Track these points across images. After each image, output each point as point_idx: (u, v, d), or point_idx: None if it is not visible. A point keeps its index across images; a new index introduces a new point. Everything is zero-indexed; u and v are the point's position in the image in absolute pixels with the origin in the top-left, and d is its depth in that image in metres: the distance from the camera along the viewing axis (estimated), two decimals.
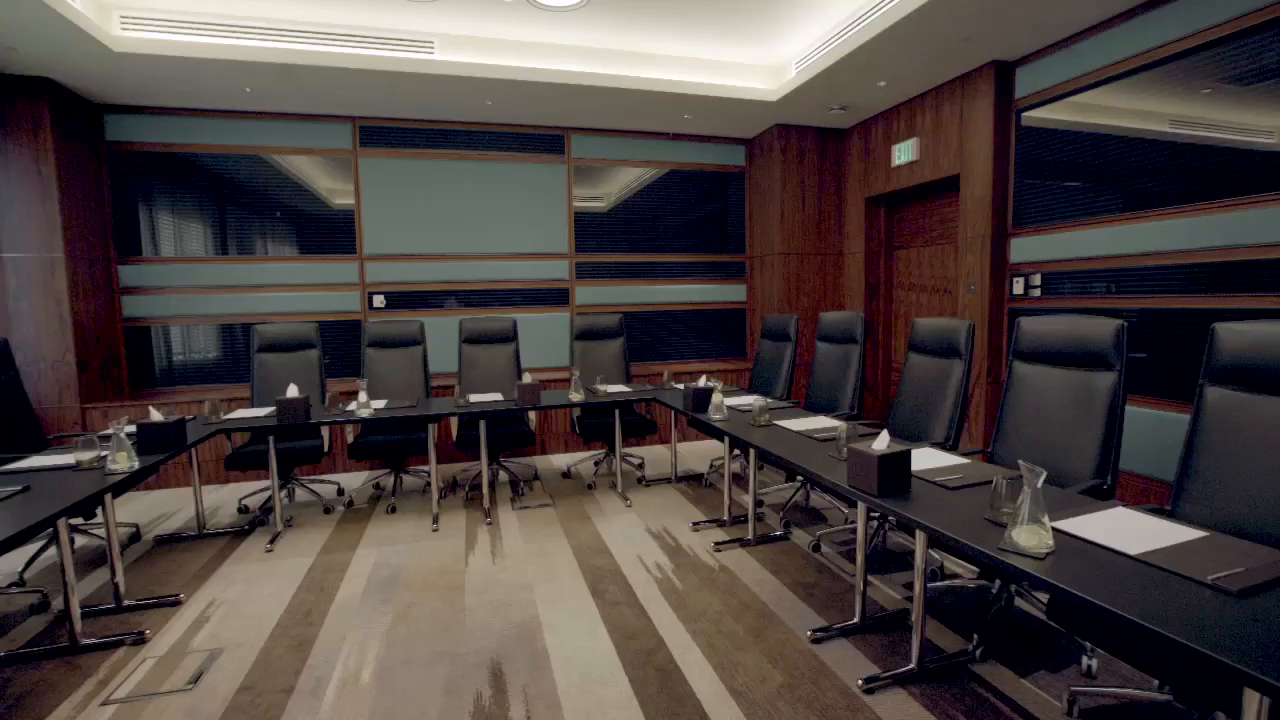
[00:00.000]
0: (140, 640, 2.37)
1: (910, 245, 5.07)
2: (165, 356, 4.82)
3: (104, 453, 2.45)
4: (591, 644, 2.29)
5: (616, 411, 3.97)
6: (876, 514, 3.06)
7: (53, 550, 3.19)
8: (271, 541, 3.33)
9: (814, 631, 2.32)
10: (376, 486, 4.35)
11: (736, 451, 4.29)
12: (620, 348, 4.70)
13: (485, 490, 3.73)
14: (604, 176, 5.56)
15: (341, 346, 4.97)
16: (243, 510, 3.89)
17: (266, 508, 3.84)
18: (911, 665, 2.07)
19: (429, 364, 4.33)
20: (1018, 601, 2.44)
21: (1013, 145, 3.96)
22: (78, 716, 1.94)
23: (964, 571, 2.76)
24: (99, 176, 4.49)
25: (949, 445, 2.60)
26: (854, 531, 3.24)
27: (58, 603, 2.68)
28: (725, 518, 3.48)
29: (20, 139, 3.97)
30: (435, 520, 3.58)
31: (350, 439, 3.82)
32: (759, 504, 3.65)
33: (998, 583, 2.41)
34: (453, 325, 4.55)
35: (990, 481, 1.70)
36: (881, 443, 1.84)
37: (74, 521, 3.14)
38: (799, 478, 3.77)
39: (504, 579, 2.84)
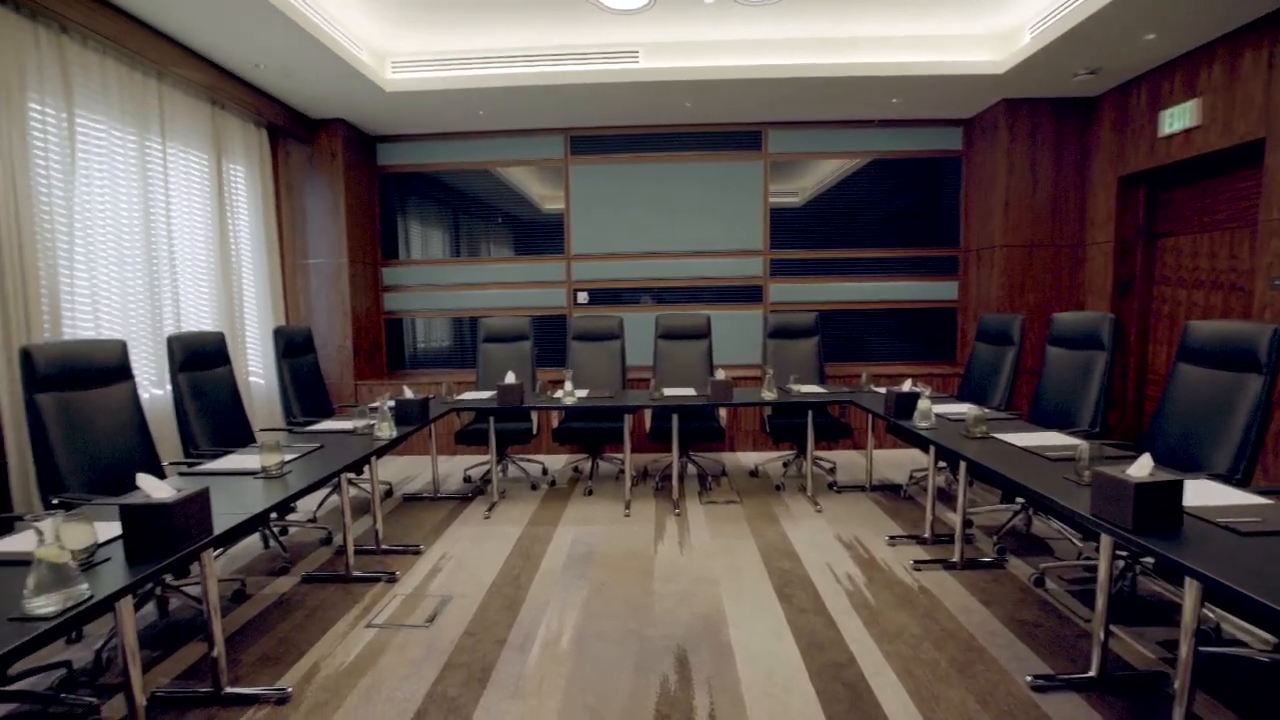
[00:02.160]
0: (392, 579, 2.85)
1: (1182, 232, 4.17)
2: (412, 344, 5.72)
3: (372, 422, 2.98)
4: (777, 647, 2.25)
5: (809, 413, 3.84)
6: (1125, 552, 2.59)
7: (335, 497, 3.96)
8: (489, 510, 3.79)
9: (1035, 678, 2.03)
10: (575, 470, 4.72)
11: (943, 464, 3.90)
12: (815, 347, 4.54)
13: (675, 482, 3.85)
14: (800, 170, 5.39)
15: (550, 339, 5.46)
16: (467, 480, 4.48)
17: (485, 479, 4.37)
18: None
19: (626, 358, 4.58)
20: None
21: None
22: (350, 632, 2.39)
23: (1252, 640, 2.21)
24: (372, 195, 5.46)
25: (1236, 479, 2.10)
26: (1091, 569, 2.77)
27: (338, 539, 3.33)
28: (926, 535, 3.19)
29: (321, 168, 4.98)
30: (627, 506, 3.78)
31: (555, 424, 4.18)
32: (967, 524, 3.29)
33: None
34: (649, 321, 4.77)
35: None
36: (1142, 468, 1.55)
37: (349, 475, 3.87)
38: (1019, 500, 3.32)
39: (690, 570, 2.91)
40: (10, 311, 2.75)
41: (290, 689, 2.04)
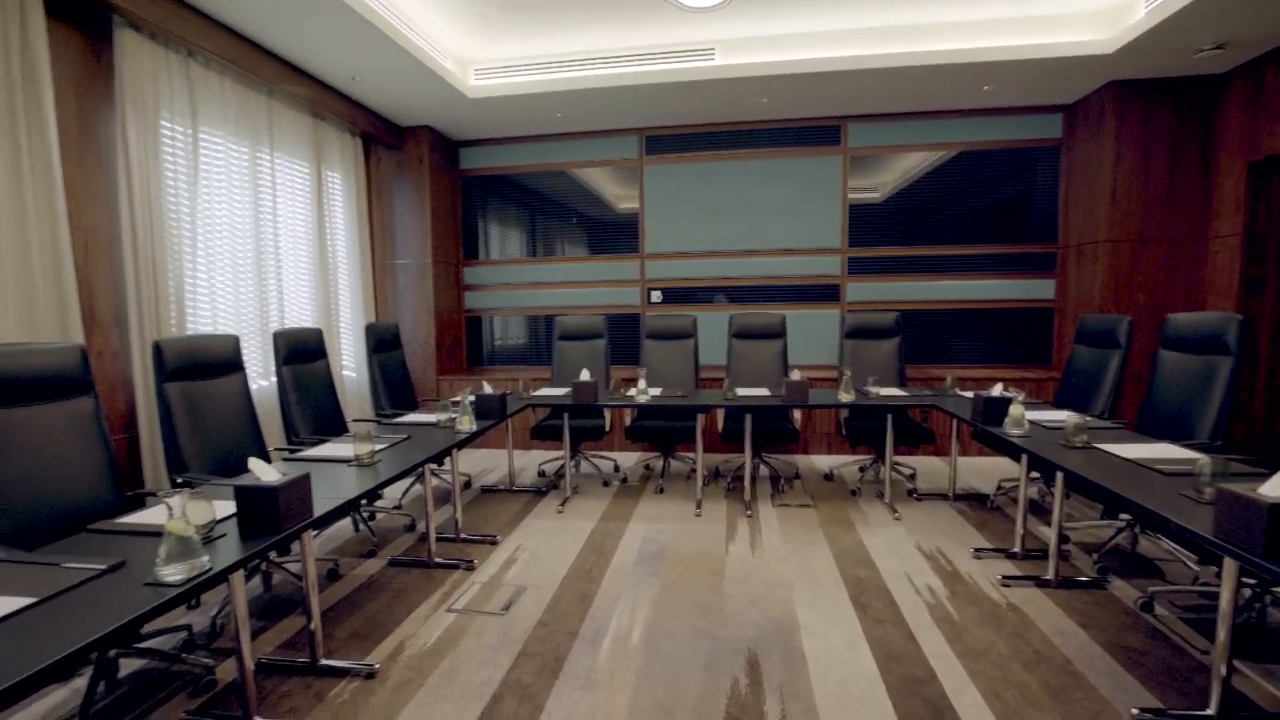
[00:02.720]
0: (470, 567, 2.97)
1: None
2: (490, 341, 5.93)
3: (453, 416, 3.11)
4: (852, 657, 2.19)
5: (889, 416, 3.69)
6: (1253, 579, 2.34)
7: (418, 486, 4.17)
8: (562, 504, 3.87)
9: (1143, 711, 1.87)
10: (647, 468, 4.75)
11: (1036, 474, 3.66)
12: (895, 348, 4.36)
13: (747, 483, 3.80)
14: (881, 165, 5.20)
15: (623, 337, 5.51)
16: (541, 474, 4.59)
17: (559, 474, 4.47)
18: None
19: (700, 357, 4.57)
20: None
21: None
22: (431, 615, 2.51)
23: None
24: (454, 197, 5.70)
25: None
26: (1210, 596, 2.53)
27: (420, 527, 3.50)
28: (1016, 549, 3.00)
29: (408, 173, 5.24)
30: (699, 506, 3.77)
31: (628, 422, 4.23)
32: (1063, 540, 3.07)
33: None
34: (723, 320, 4.73)
35: None
36: (1276, 487, 1.40)
37: (431, 466, 4.06)
38: (1124, 516, 3.07)
39: (762, 573, 2.87)
40: (145, 309, 3.06)
41: (378, 665, 2.16)
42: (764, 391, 3.92)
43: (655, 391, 3.94)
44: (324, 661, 2.16)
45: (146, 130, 3.07)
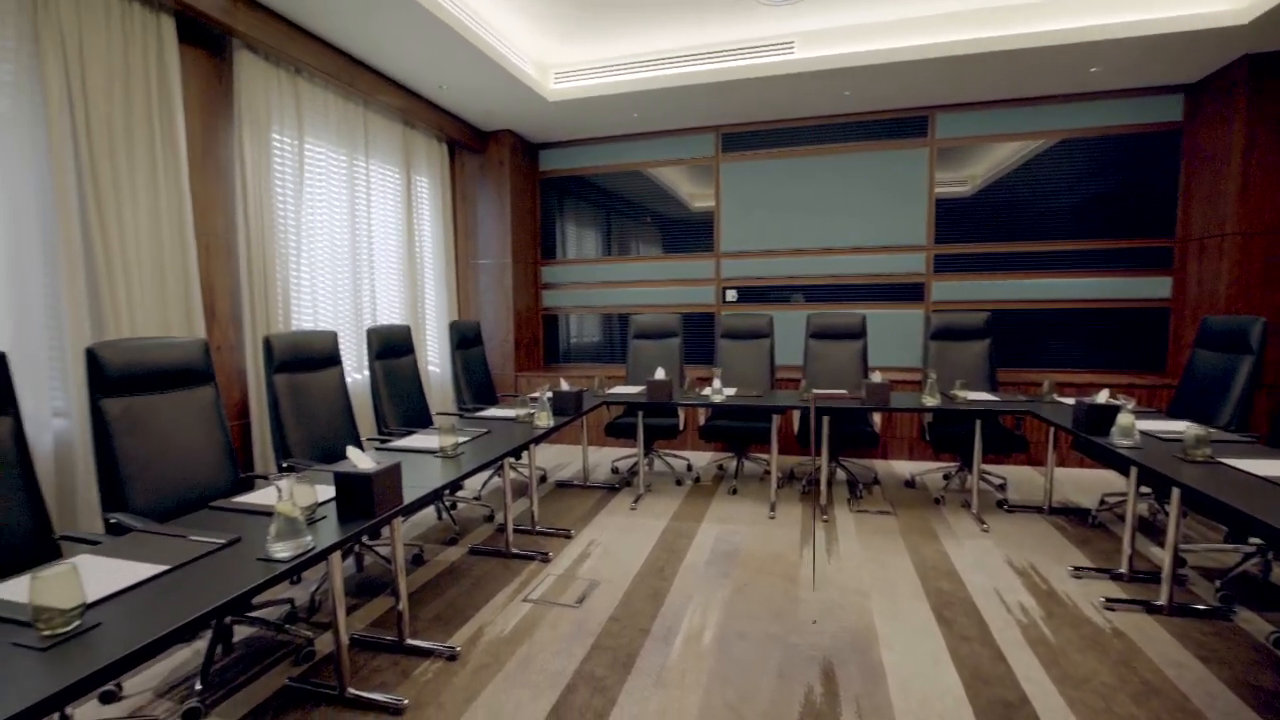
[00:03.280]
0: (545, 559, 3.05)
1: None
2: (566, 339, 6.06)
3: (532, 411, 3.20)
4: (934, 673, 2.09)
5: (978, 422, 3.50)
6: None
7: (497, 479, 4.32)
8: (635, 501, 3.90)
9: None
10: (720, 468, 4.71)
11: (1146, 490, 3.37)
12: (985, 350, 4.12)
13: (823, 487, 3.71)
14: (971, 156, 4.92)
15: (698, 336, 5.49)
16: (614, 471, 4.65)
17: (632, 471, 4.51)
18: None
19: (775, 356, 4.49)
20: None
21: None
22: (509, 604, 2.60)
23: None
24: (533, 198, 5.86)
25: None
26: None
27: (499, 518, 3.63)
28: (1122, 570, 2.77)
29: (490, 175, 5.43)
30: (772, 508, 3.71)
31: (701, 421, 4.21)
32: (1179, 563, 2.81)
33: None
34: (799, 319, 4.62)
35: None
36: None
37: (509, 459, 4.20)
38: (1254, 540, 2.77)
39: (838, 580, 2.78)
40: (256, 307, 3.33)
41: (459, 648, 2.26)
42: (843, 393, 3.80)
43: (730, 391, 3.90)
44: (410, 641, 2.28)
45: (260, 143, 3.34)
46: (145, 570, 1.41)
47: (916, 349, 4.93)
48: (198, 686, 2.02)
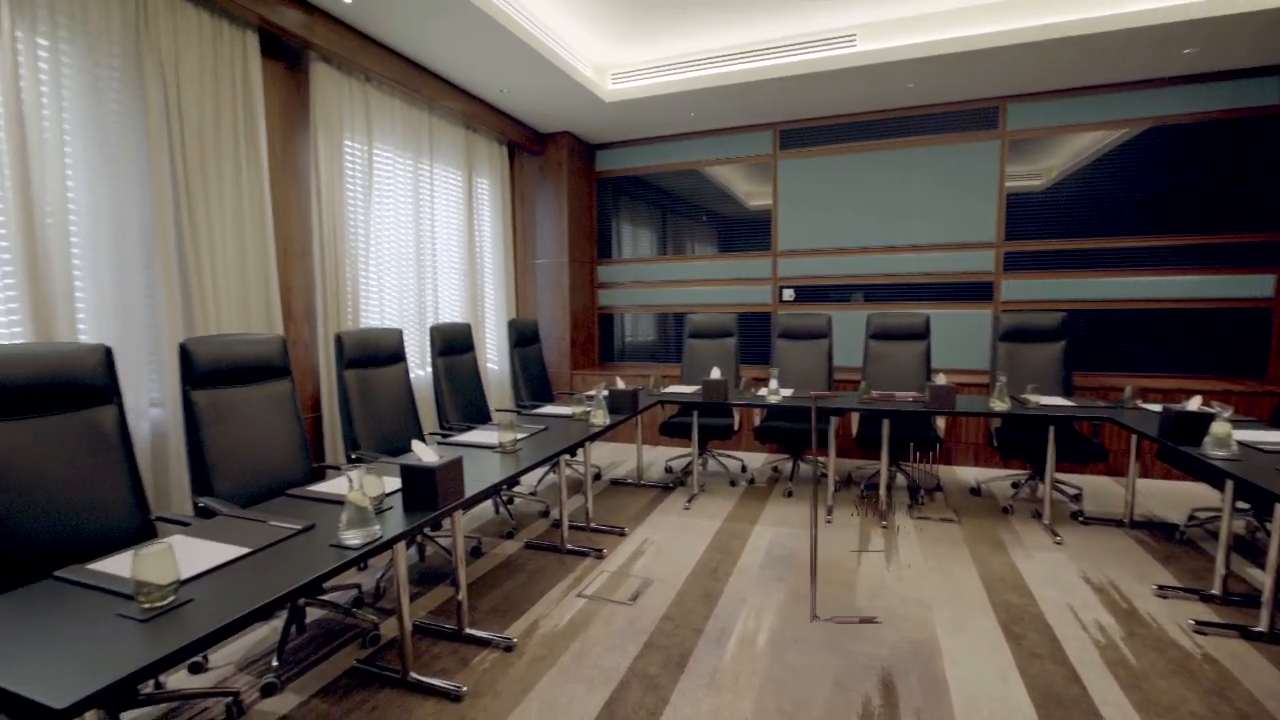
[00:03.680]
0: (600, 556, 3.08)
1: None
2: (621, 337, 6.10)
3: (588, 409, 3.24)
4: (1002, 690, 2.00)
5: (1051, 428, 3.32)
6: None
7: (552, 475, 4.39)
8: (689, 501, 3.90)
9: None
10: (775, 469, 4.65)
11: (1244, 505, 3.11)
12: (1059, 353, 3.91)
13: (882, 492, 3.60)
14: (1045, 148, 4.67)
15: (754, 336, 5.43)
16: (668, 470, 4.65)
17: (686, 471, 4.50)
18: None
19: (834, 357, 4.39)
20: None
21: None
22: (563, 599, 2.64)
23: None
24: (590, 199, 5.92)
25: None
26: None
27: (554, 513, 3.69)
28: (1215, 591, 2.58)
29: (548, 177, 5.52)
30: (829, 512, 3.63)
31: (756, 422, 4.16)
32: None
33: None
34: (858, 319, 4.50)
35: None
36: None
37: (564, 456, 4.27)
38: None
39: (898, 589, 2.70)
40: (328, 305, 3.50)
41: (515, 640, 2.31)
42: (904, 396, 3.68)
43: (787, 392, 3.84)
44: (468, 630, 2.35)
45: (333, 149, 3.50)
46: (230, 552, 1.51)
47: (983, 351, 4.73)
48: (274, 663, 2.15)
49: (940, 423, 3.81)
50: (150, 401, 2.70)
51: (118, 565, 1.42)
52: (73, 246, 2.42)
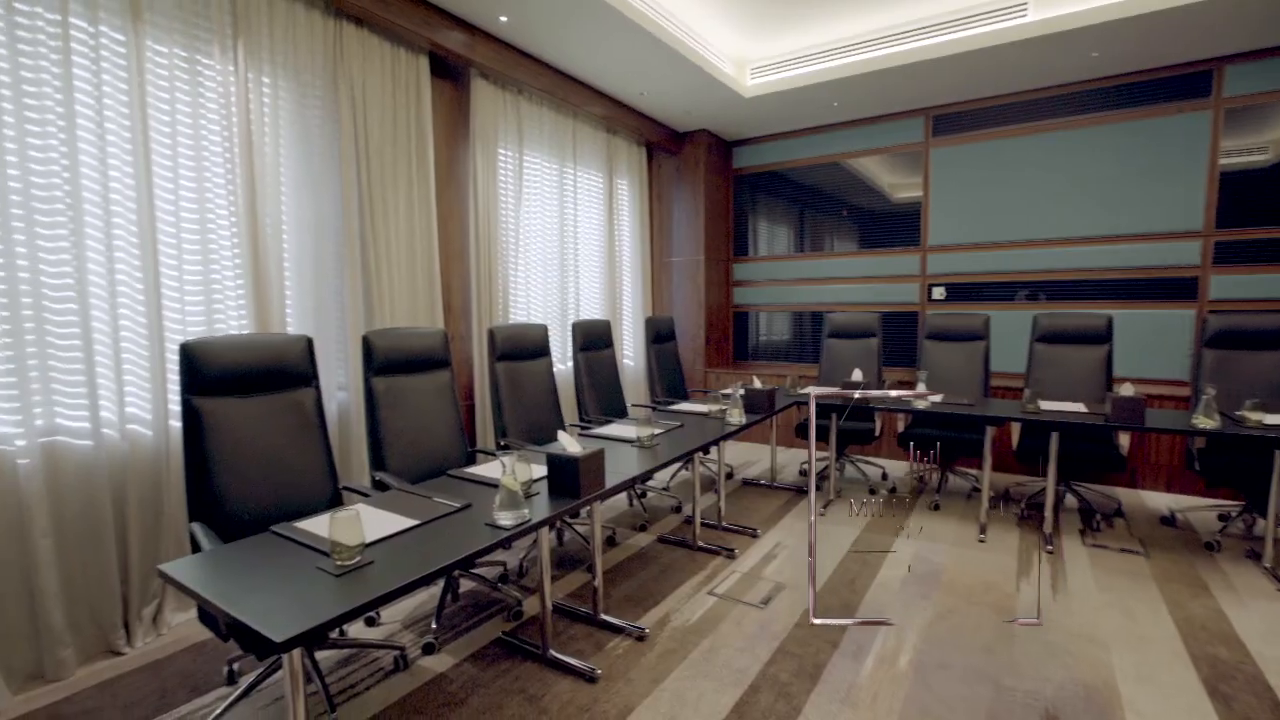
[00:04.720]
0: (731, 555, 3.06)
1: None
2: (755, 336, 6.00)
3: (723, 407, 3.23)
4: None
5: (1277, 452, 2.79)
6: None
7: (685, 472, 4.43)
8: (824, 506, 3.75)
9: None
10: (920, 480, 4.34)
11: None
12: None
13: (1048, 513, 3.23)
14: (1269, 118, 3.90)
15: (899, 336, 5.10)
16: (802, 473, 4.51)
17: (822, 475, 4.34)
18: None
19: (991, 361, 4.01)
20: None
21: None
22: (694, 595, 2.66)
23: None
24: (726, 196, 5.89)
25: None
26: None
27: (686, 510, 3.72)
28: None
29: (685, 175, 5.56)
30: (982, 530, 3.32)
31: (900, 428, 3.91)
32: None
33: None
34: (1018, 319, 4.07)
35: None
36: None
37: (698, 454, 4.29)
38: None
39: (1066, 623, 2.41)
40: (482, 302, 3.79)
41: (647, 630, 2.37)
42: (1078, 407, 3.27)
43: (936, 397, 3.57)
44: (603, 616, 2.44)
45: (489, 158, 3.79)
46: (402, 522, 1.69)
47: (1181, 358, 4.07)
48: (433, 625, 2.37)
49: (1124, 440, 3.34)
50: (337, 385, 3.09)
51: (317, 525, 1.65)
52: (284, 253, 2.83)
